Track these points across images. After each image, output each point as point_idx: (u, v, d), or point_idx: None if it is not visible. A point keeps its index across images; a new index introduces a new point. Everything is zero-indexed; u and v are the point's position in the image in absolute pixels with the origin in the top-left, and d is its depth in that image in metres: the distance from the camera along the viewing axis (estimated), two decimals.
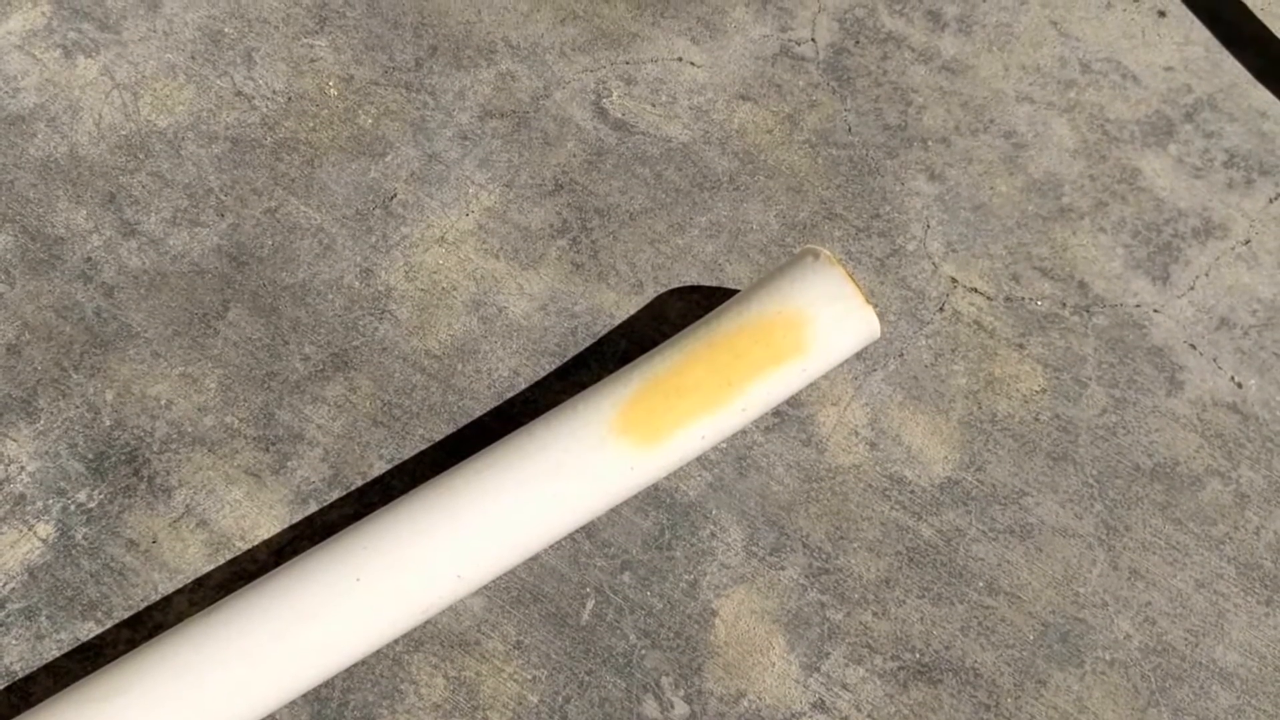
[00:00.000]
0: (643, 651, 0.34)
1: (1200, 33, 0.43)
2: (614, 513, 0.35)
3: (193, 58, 0.41)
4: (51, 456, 0.36)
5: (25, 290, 0.38)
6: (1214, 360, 0.37)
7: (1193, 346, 0.38)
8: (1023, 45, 0.42)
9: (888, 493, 0.36)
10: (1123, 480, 0.36)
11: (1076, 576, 0.35)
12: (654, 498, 0.35)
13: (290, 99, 0.40)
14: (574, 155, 0.39)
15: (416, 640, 0.34)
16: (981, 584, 0.34)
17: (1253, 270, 0.39)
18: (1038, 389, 0.37)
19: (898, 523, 0.35)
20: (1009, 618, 0.34)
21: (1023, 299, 0.38)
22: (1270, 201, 0.40)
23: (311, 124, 0.40)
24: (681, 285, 0.38)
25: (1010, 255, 0.39)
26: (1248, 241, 0.39)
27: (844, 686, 0.34)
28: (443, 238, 0.38)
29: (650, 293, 0.38)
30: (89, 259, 0.38)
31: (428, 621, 0.34)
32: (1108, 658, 0.34)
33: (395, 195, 0.39)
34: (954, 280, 0.38)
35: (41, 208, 0.39)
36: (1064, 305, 0.38)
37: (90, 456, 0.36)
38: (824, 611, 0.34)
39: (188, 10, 0.41)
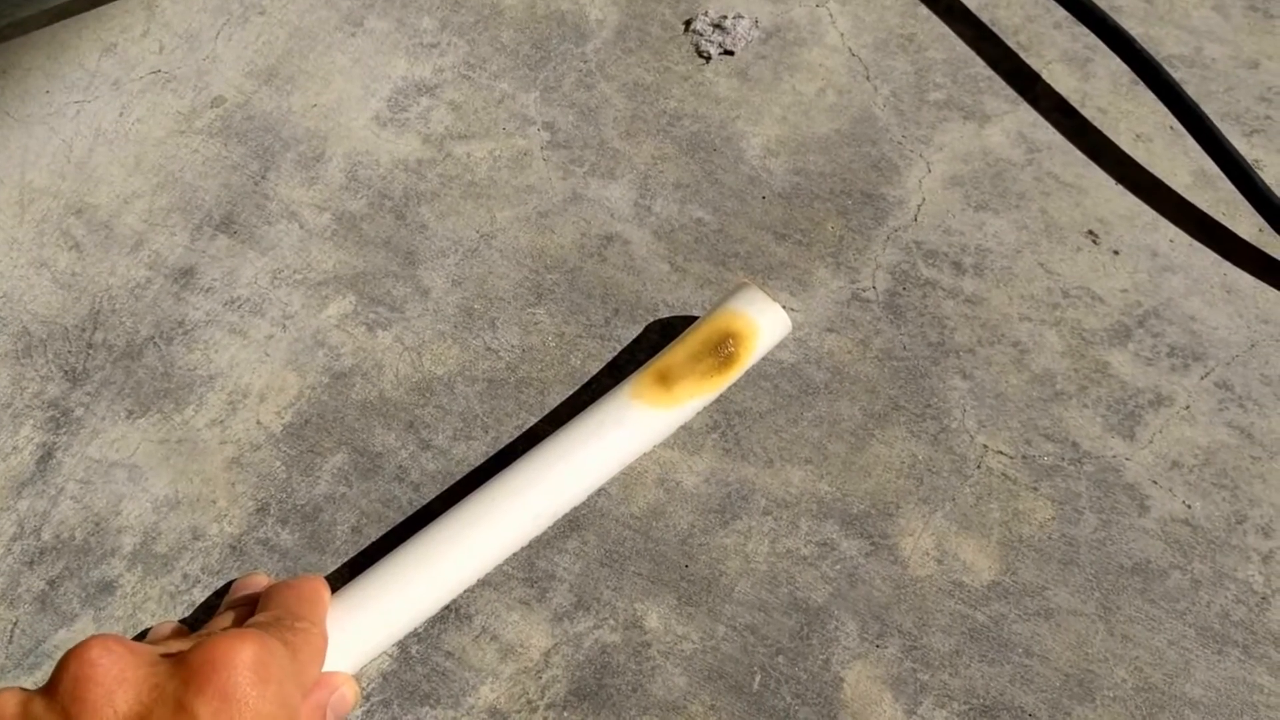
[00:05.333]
0: (796, 708, 0.50)
1: (1144, 264, 0.61)
2: (768, 615, 0.52)
3: (455, 326, 0.60)
4: None
5: (360, 489, 0.55)
6: (1170, 490, 0.54)
7: (1155, 482, 0.55)
8: (1020, 281, 0.60)
9: (952, 593, 0.53)
10: (1112, 575, 0.53)
11: (1086, 642, 0.51)
12: (794, 604, 0.52)
13: (523, 350, 0.59)
14: None
15: (643, 708, 0.50)
16: (1021, 650, 0.51)
17: (1193, 427, 0.56)
18: (1049, 517, 0.54)
19: (960, 613, 0.52)
20: (1042, 672, 0.51)
21: (1034, 456, 0.55)
22: (1201, 379, 0.57)
23: (539, 366, 0.59)
24: (797, 458, 0.56)
25: (1023, 427, 0.56)
26: (1188, 407, 0.57)
27: None
28: None
29: (778, 466, 0.55)
30: (400, 466, 0.56)
31: (642, 692, 0.50)
32: (1111, 695, 0.50)
33: None
34: (985, 446, 0.56)
35: (364, 434, 0.57)
36: (1063, 459, 0.55)
37: None
38: (916, 675, 0.51)
39: (447, 295, 0.61)
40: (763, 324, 0.49)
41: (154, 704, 0.29)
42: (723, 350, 0.47)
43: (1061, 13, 0.69)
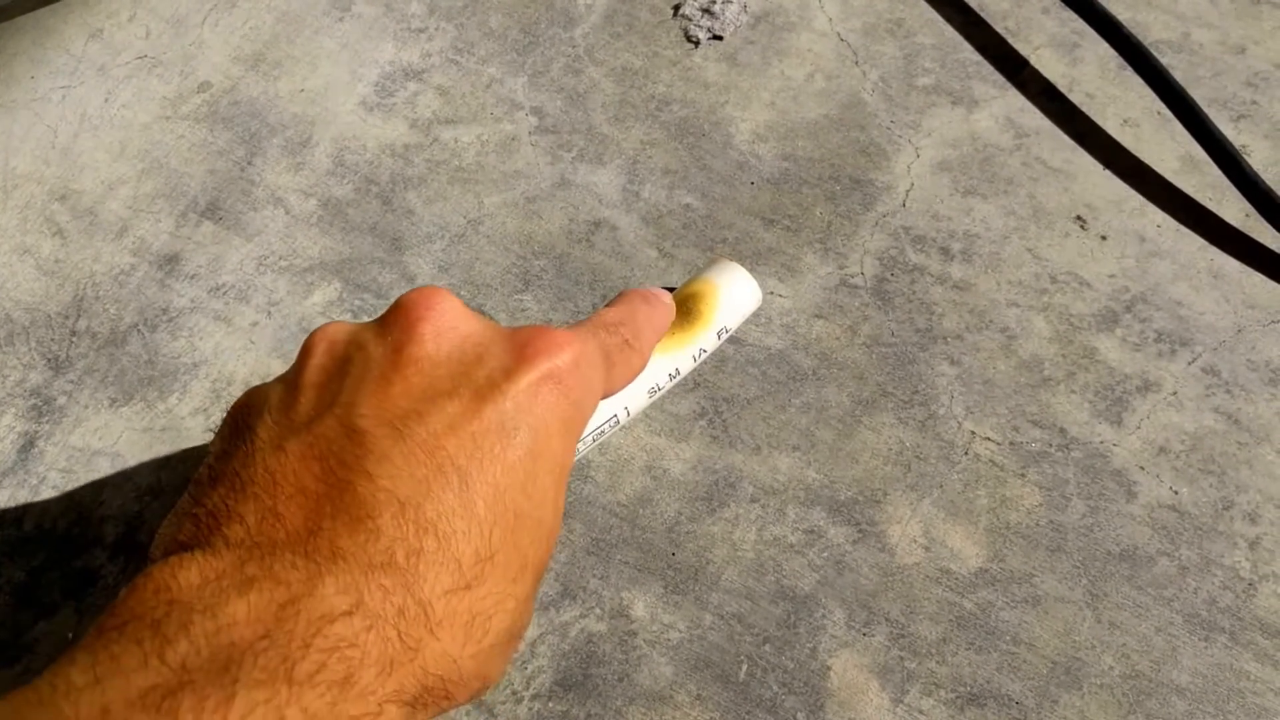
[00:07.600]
0: (783, 697, 0.49)
1: (1132, 249, 0.59)
2: (755, 603, 0.51)
3: None
4: None
5: None
6: (1157, 476, 0.53)
7: (1142, 468, 0.53)
8: (1009, 267, 0.58)
9: (940, 580, 0.51)
10: (1100, 562, 0.51)
11: (1073, 629, 0.50)
12: (781, 592, 0.51)
13: None
14: (705, 364, 0.56)
15: (629, 698, 0.49)
16: (1009, 638, 0.50)
17: (1180, 413, 0.55)
18: (1036, 504, 0.52)
19: (948, 600, 0.51)
20: (1029, 659, 0.49)
21: (1021, 443, 0.54)
22: (1189, 364, 0.56)
23: None
24: (785, 445, 0.54)
25: (1010, 413, 0.55)
26: (1175, 393, 0.55)
27: (920, 712, 0.48)
28: (623, 427, 0.54)
29: (766, 453, 0.54)
30: None
31: (628, 682, 0.49)
32: (1099, 682, 0.49)
33: None
34: (973, 433, 0.54)
35: None
36: (1051, 445, 0.54)
37: None
38: (903, 663, 0.49)
39: (434, 281, 0.59)
40: (721, 282, 0.49)
41: (475, 361, 0.31)
42: (683, 308, 0.46)
43: None
